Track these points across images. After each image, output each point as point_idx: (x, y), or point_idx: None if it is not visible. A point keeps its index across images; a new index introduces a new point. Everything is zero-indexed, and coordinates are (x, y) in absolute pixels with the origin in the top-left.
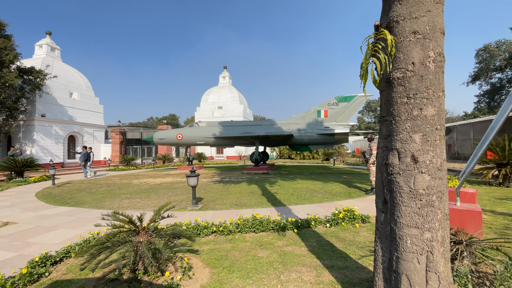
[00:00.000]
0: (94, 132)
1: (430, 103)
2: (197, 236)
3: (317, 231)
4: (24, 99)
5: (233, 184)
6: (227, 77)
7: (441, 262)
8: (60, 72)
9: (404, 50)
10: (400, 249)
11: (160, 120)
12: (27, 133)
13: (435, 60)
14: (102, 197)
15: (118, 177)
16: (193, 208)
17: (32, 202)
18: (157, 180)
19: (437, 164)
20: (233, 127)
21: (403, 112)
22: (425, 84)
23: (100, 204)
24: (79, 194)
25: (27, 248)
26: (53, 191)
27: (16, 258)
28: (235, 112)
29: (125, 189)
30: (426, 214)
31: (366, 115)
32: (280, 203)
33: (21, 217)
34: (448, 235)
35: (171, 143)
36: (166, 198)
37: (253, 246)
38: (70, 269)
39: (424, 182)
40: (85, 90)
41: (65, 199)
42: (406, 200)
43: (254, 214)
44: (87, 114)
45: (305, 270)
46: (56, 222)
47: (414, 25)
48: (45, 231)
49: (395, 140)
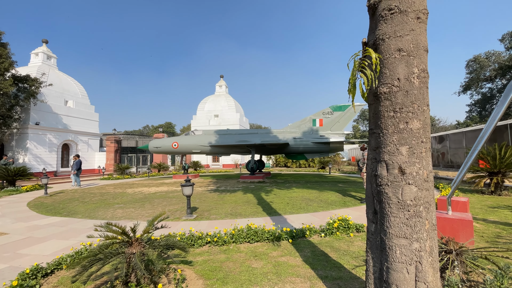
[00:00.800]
0: (88, 140)
1: (415, 117)
2: (191, 247)
3: (312, 241)
4: (18, 107)
5: (229, 193)
6: (224, 86)
7: (430, 272)
8: (55, 80)
9: (390, 66)
10: (390, 259)
11: (156, 128)
12: (20, 141)
13: (419, 76)
14: (96, 207)
15: (112, 186)
16: (188, 218)
17: (23, 212)
18: (152, 189)
19: (423, 176)
20: (229, 136)
21: (390, 125)
22: (410, 99)
23: (93, 214)
24: (71, 203)
25: (18, 259)
26: (45, 200)
27: (7, 269)
28: (231, 121)
29: (119, 198)
30: (414, 225)
31: (361, 124)
32: (275, 212)
33: (12, 227)
34: (436, 245)
35: (167, 151)
36: (161, 208)
37: (247, 256)
38: (61, 281)
39: (411, 193)
40: (81, 98)
41: (57, 209)
42: (394, 211)
43: (249, 224)
44: (82, 122)
45: (299, 281)
46: (47, 232)
47: (398, 43)
48: (37, 242)
49: (383, 152)
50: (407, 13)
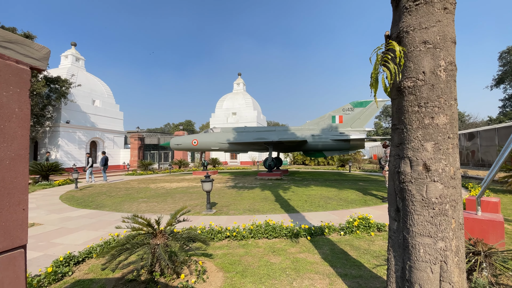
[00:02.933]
0: (114, 138)
1: (441, 112)
2: (211, 241)
3: (331, 238)
4: (50, 106)
5: (247, 189)
6: (241, 84)
7: (455, 273)
8: (84, 81)
9: (415, 59)
10: (413, 258)
11: (177, 126)
12: (52, 138)
13: (446, 69)
14: (121, 201)
15: (136, 181)
16: (208, 213)
17: (56, 205)
18: (173, 185)
19: (450, 173)
20: (246, 133)
21: (415, 121)
22: (436, 93)
23: (119, 207)
24: (99, 197)
25: (52, 248)
26: (76, 194)
27: (42, 257)
28: (248, 118)
29: (142, 193)
30: (439, 223)
31: (383, 120)
32: (293, 209)
33: (46, 218)
34: (463, 245)
35: (187, 148)
36: (182, 203)
37: (266, 252)
38: (92, 269)
39: (436, 191)
40: (107, 97)
41: (87, 202)
42: (418, 209)
43: (267, 220)
44: (108, 121)
45: (318, 277)
46: (78, 224)
47: (424, 35)
48: (69, 232)
49: (406, 148)
50: (433, 3)
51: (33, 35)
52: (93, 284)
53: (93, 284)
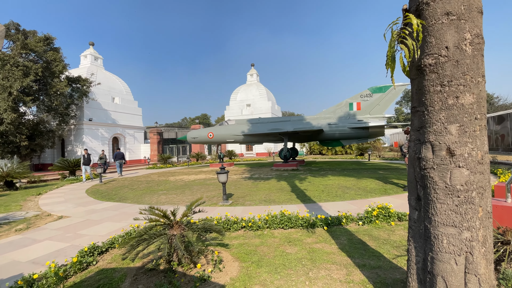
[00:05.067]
0: (134, 133)
1: (467, 90)
2: (227, 231)
3: (348, 229)
4: (74, 105)
5: (262, 180)
6: (255, 75)
7: (482, 264)
8: (103, 79)
9: (436, 34)
10: (435, 249)
11: (193, 120)
12: (77, 136)
13: (472, 43)
14: (142, 193)
15: (157, 175)
16: (224, 204)
17: (82, 198)
18: (191, 177)
19: (477, 157)
20: (261, 124)
21: (437, 102)
22: (461, 70)
23: (140, 199)
24: (122, 190)
25: (78, 239)
26: (100, 188)
27: (69, 248)
28: (263, 109)
29: (162, 185)
30: (465, 212)
31: (405, 106)
32: (309, 199)
33: (73, 211)
34: (491, 235)
35: (203, 141)
36: (199, 194)
37: (281, 242)
38: (114, 259)
39: (462, 177)
40: (125, 94)
41: (110, 195)
42: (441, 197)
43: (283, 211)
44: (128, 117)
45: (335, 268)
46: (102, 216)
47: (446, 5)
48: (93, 224)
49: (428, 132)
50: None
51: (52, 37)
52: (116, 272)
53: (115, 272)
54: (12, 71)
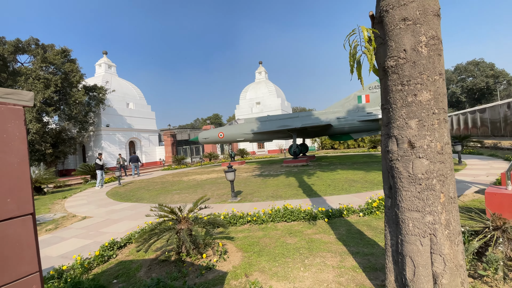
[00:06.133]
0: (149, 137)
1: (424, 88)
2: (234, 225)
3: (349, 220)
4: (92, 112)
5: (272, 177)
6: (263, 72)
7: (446, 245)
8: (117, 86)
9: (395, 38)
10: (403, 232)
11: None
12: (96, 141)
13: (428, 44)
14: (158, 194)
15: (171, 175)
16: (233, 201)
17: (103, 200)
18: (204, 177)
19: (436, 148)
20: (269, 122)
21: (399, 99)
22: (418, 70)
23: (156, 199)
24: (139, 192)
25: (100, 236)
26: (119, 190)
27: (92, 244)
28: (273, 106)
29: (176, 185)
30: (427, 198)
31: None
32: (315, 194)
33: (95, 212)
34: (456, 219)
35: (214, 141)
36: (210, 192)
37: (283, 234)
38: (131, 252)
39: (422, 167)
40: (139, 99)
41: (128, 196)
42: (406, 185)
43: (286, 205)
44: (142, 121)
45: (330, 255)
46: (121, 215)
47: (403, 12)
48: (113, 222)
49: (393, 127)
50: None
51: (69, 49)
52: (132, 264)
53: (132, 264)
54: (35, 84)
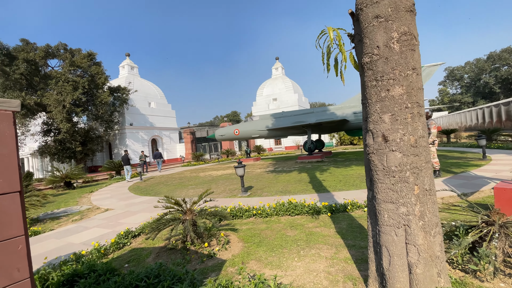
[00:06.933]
0: (170, 134)
1: (397, 83)
2: (240, 218)
3: (352, 215)
4: (116, 112)
5: (284, 173)
6: (280, 68)
7: (420, 236)
8: (139, 86)
9: (369, 35)
10: (380, 223)
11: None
12: (121, 139)
13: (400, 40)
14: (175, 188)
15: (189, 171)
16: (243, 195)
17: (125, 194)
18: (219, 172)
19: (410, 142)
20: (284, 118)
21: (373, 95)
22: (390, 65)
23: (172, 193)
24: (158, 186)
25: (118, 226)
26: (140, 185)
27: (111, 233)
28: (289, 102)
29: (192, 181)
30: (400, 190)
31: (449, 86)
32: (324, 189)
33: (117, 204)
34: (433, 210)
35: (230, 138)
36: (223, 187)
37: (285, 226)
38: (144, 241)
39: (396, 160)
40: (160, 99)
41: (147, 191)
42: (381, 177)
43: (290, 199)
44: (163, 120)
45: (326, 248)
46: (139, 208)
47: (375, 9)
48: (132, 214)
49: (369, 122)
50: None
51: (94, 53)
52: (144, 251)
53: (143, 251)
54: (64, 87)
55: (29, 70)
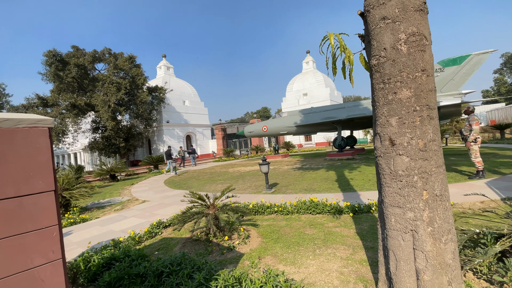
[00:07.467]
0: (203, 131)
1: (404, 86)
2: (261, 214)
3: (376, 216)
4: (154, 110)
5: (311, 170)
6: (311, 62)
7: (428, 242)
8: (174, 85)
9: (376, 37)
10: (387, 227)
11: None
12: (159, 136)
13: (407, 42)
14: (205, 183)
15: (219, 167)
16: (267, 192)
17: (161, 187)
18: (247, 169)
19: (418, 146)
20: (313, 114)
21: (381, 98)
22: (398, 68)
23: (202, 188)
24: (190, 181)
25: (152, 217)
26: (175, 179)
27: (146, 223)
28: (321, 97)
29: (222, 176)
30: (407, 194)
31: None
32: (351, 188)
33: (153, 197)
34: (444, 217)
35: (259, 135)
36: (249, 183)
37: (304, 225)
38: (173, 232)
39: (403, 164)
40: (193, 97)
41: (180, 185)
42: (388, 181)
43: (311, 198)
44: (197, 117)
45: (343, 248)
46: (171, 200)
47: (382, 11)
48: (164, 206)
49: (377, 125)
50: None
51: (134, 56)
52: (172, 241)
53: (172, 240)
54: (109, 88)
55: (79, 73)
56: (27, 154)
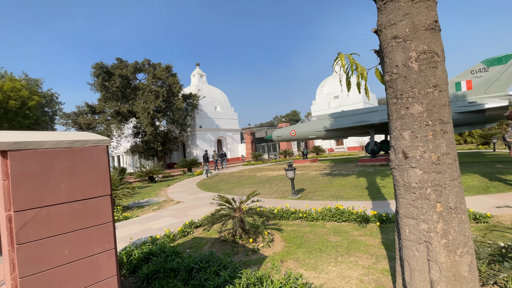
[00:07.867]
0: (232, 135)
1: (416, 101)
2: (286, 219)
3: None
4: (188, 116)
5: (341, 176)
6: None
7: (443, 254)
8: (207, 92)
9: (389, 55)
10: (402, 237)
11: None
12: (192, 140)
13: (418, 59)
14: (233, 186)
15: (248, 171)
16: (293, 197)
17: (193, 189)
18: (275, 173)
19: (430, 159)
20: (344, 118)
21: (394, 112)
22: (409, 84)
23: (230, 191)
24: (220, 184)
25: (185, 217)
26: (206, 181)
27: (179, 223)
28: (352, 100)
29: (250, 180)
30: (421, 206)
31: None
32: (381, 197)
33: (186, 198)
34: (460, 229)
35: (287, 139)
36: (276, 188)
37: (328, 232)
38: (203, 232)
39: (416, 176)
40: (224, 103)
41: (211, 187)
42: (402, 193)
43: (337, 206)
44: (227, 122)
45: (366, 257)
46: (203, 202)
47: (394, 30)
48: (196, 207)
49: (391, 138)
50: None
51: (171, 65)
52: (202, 240)
53: (202, 240)
54: (149, 96)
55: (123, 83)
56: (91, 167)
